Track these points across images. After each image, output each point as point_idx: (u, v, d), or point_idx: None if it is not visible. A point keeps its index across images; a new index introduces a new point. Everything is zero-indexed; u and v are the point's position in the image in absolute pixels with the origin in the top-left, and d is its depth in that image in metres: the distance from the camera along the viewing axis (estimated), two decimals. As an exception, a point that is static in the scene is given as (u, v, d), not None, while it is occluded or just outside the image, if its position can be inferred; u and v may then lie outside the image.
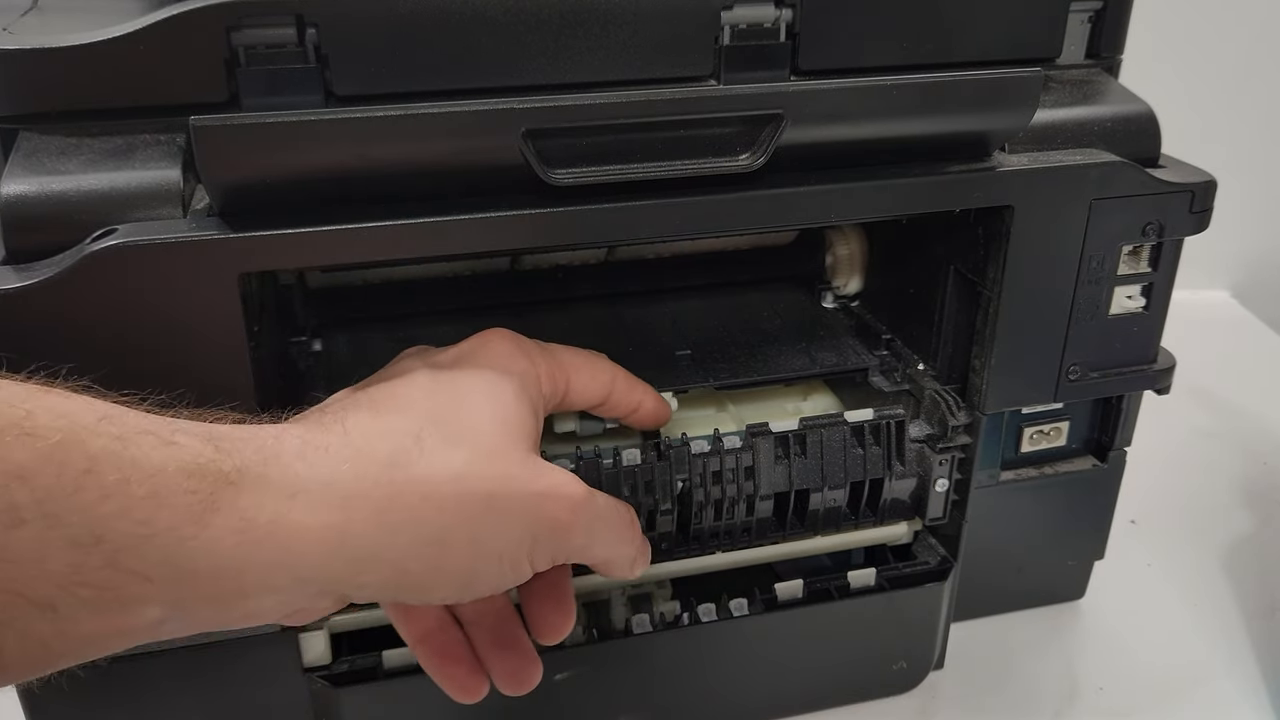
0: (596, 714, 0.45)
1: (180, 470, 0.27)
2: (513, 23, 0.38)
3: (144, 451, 0.27)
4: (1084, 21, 0.46)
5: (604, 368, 0.41)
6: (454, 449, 0.32)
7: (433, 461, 0.32)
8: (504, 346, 0.37)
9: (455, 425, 0.33)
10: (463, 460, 0.32)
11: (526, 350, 0.38)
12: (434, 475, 0.31)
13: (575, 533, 0.35)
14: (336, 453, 0.31)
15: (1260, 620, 0.55)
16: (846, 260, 0.55)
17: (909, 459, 0.46)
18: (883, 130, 0.39)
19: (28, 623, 0.25)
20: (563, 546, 0.35)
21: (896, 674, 0.49)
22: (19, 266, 0.33)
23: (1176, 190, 0.43)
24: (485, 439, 0.33)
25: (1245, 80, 0.88)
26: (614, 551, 0.37)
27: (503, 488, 0.33)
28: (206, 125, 0.32)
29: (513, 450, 0.34)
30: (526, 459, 0.34)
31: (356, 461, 0.31)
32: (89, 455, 0.25)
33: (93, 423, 0.26)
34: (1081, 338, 0.45)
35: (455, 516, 0.32)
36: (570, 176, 0.35)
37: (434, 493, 0.31)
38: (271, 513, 0.28)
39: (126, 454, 0.26)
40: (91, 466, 0.25)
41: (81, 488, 0.25)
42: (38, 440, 0.25)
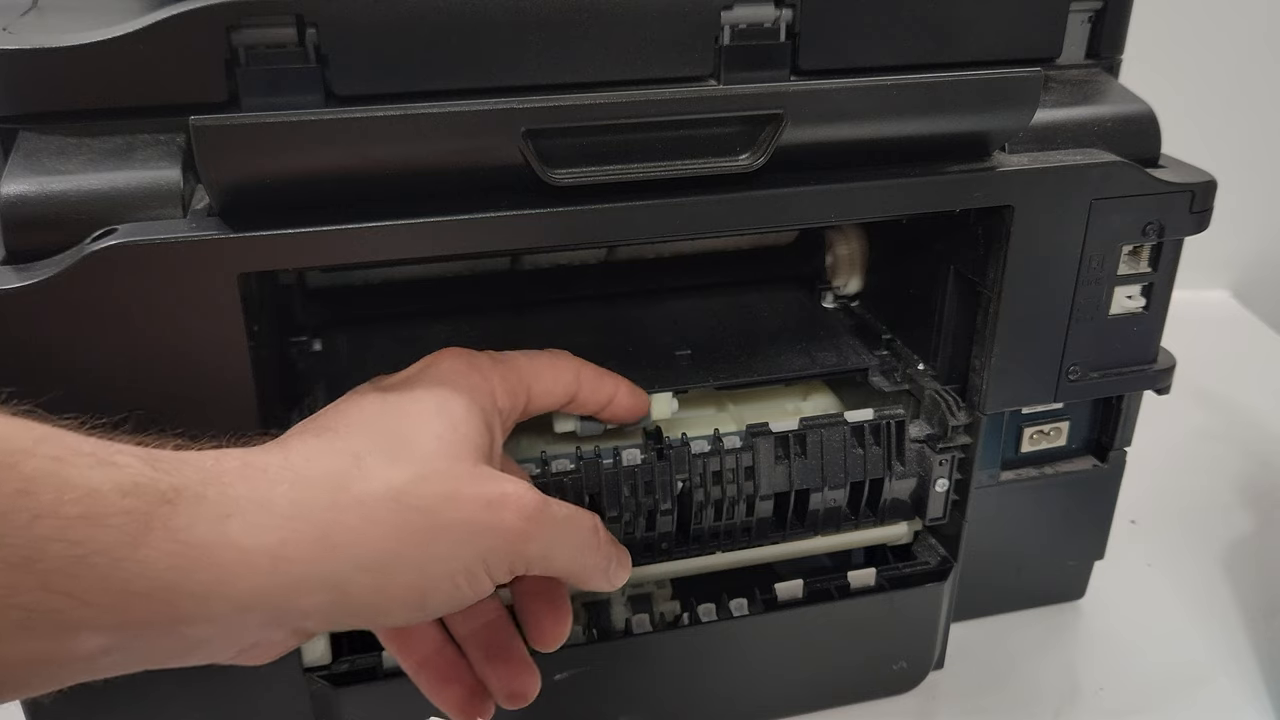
0: (596, 714, 0.45)
1: (116, 489, 0.26)
2: (513, 23, 0.38)
3: (80, 471, 0.26)
4: (1084, 21, 0.46)
5: (565, 367, 0.40)
6: (397, 467, 0.31)
7: (374, 481, 0.31)
8: (453, 364, 0.36)
9: (399, 443, 0.32)
10: (406, 478, 0.31)
11: (478, 365, 0.37)
12: (375, 494, 0.31)
13: (531, 540, 0.33)
14: (275, 474, 0.30)
15: (1260, 620, 0.55)
16: (846, 260, 0.55)
17: (909, 459, 0.46)
18: (883, 130, 0.39)
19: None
20: (520, 556, 0.33)
21: (896, 674, 0.49)
22: (19, 266, 0.33)
23: (1176, 190, 0.43)
24: (431, 455, 0.32)
25: (1245, 80, 0.88)
26: (579, 562, 0.36)
27: (449, 503, 0.32)
28: (206, 125, 0.32)
29: (460, 464, 0.33)
30: (475, 472, 0.33)
31: (295, 483, 0.30)
32: (24, 476, 0.25)
33: (29, 445, 0.26)
34: (1081, 338, 0.45)
35: (398, 537, 0.31)
36: (570, 176, 0.35)
37: (375, 513, 0.30)
38: (206, 534, 0.28)
39: (62, 474, 0.26)
40: (26, 487, 0.25)
41: (14, 509, 0.25)
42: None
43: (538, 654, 0.43)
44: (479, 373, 0.36)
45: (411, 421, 0.33)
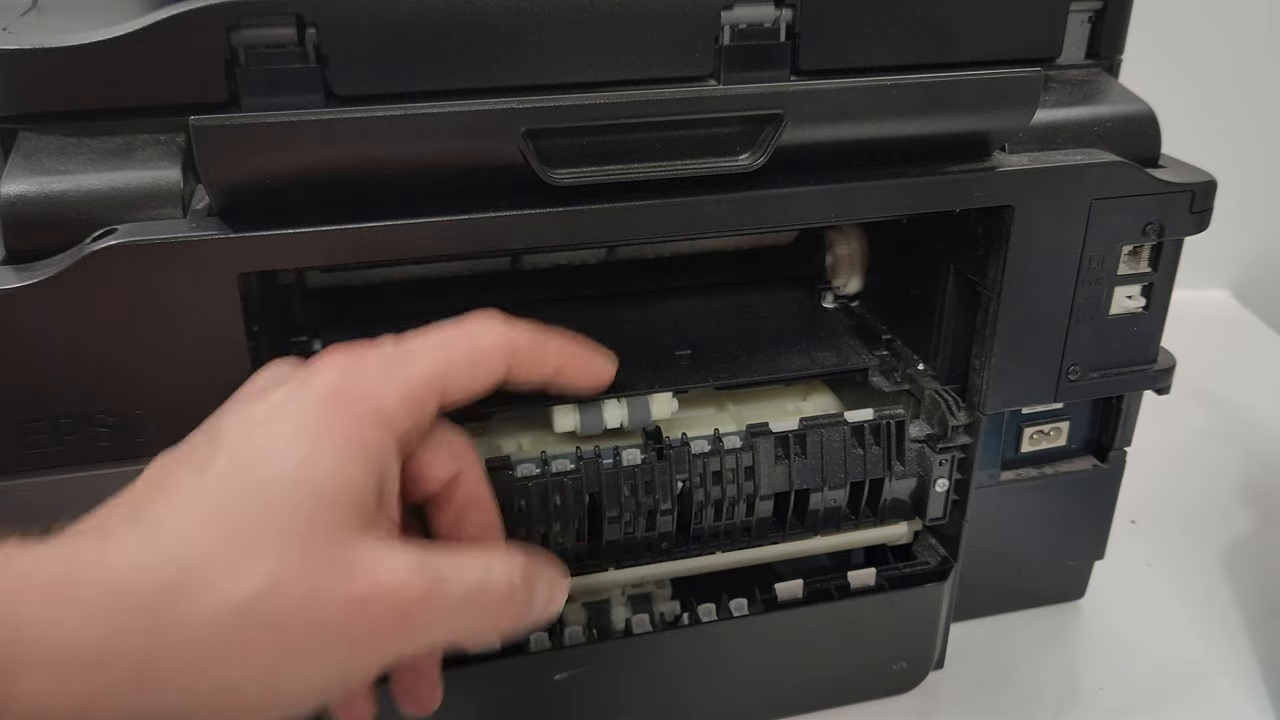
0: (596, 714, 0.45)
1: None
2: (513, 23, 0.38)
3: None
4: (1084, 21, 0.46)
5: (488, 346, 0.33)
6: (237, 573, 0.26)
7: (206, 597, 0.25)
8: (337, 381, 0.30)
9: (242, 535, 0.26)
10: (248, 589, 0.26)
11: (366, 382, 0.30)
12: (206, 615, 0.25)
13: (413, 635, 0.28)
14: (88, 596, 0.25)
15: (1260, 620, 0.55)
16: (846, 260, 0.55)
17: (909, 459, 0.46)
18: (883, 130, 0.39)
19: None
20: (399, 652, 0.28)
21: (896, 674, 0.49)
22: (19, 266, 0.33)
23: (1176, 190, 0.43)
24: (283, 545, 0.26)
25: (1245, 80, 0.88)
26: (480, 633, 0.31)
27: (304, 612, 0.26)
28: (206, 125, 0.32)
29: (321, 551, 0.27)
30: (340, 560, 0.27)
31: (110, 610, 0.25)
32: None
33: None
34: (1081, 338, 0.45)
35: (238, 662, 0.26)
36: (570, 176, 0.35)
37: (208, 636, 0.25)
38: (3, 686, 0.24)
39: None
40: None
41: None
42: None
43: (537, 654, 0.43)
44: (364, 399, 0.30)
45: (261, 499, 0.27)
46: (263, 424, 0.29)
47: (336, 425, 0.29)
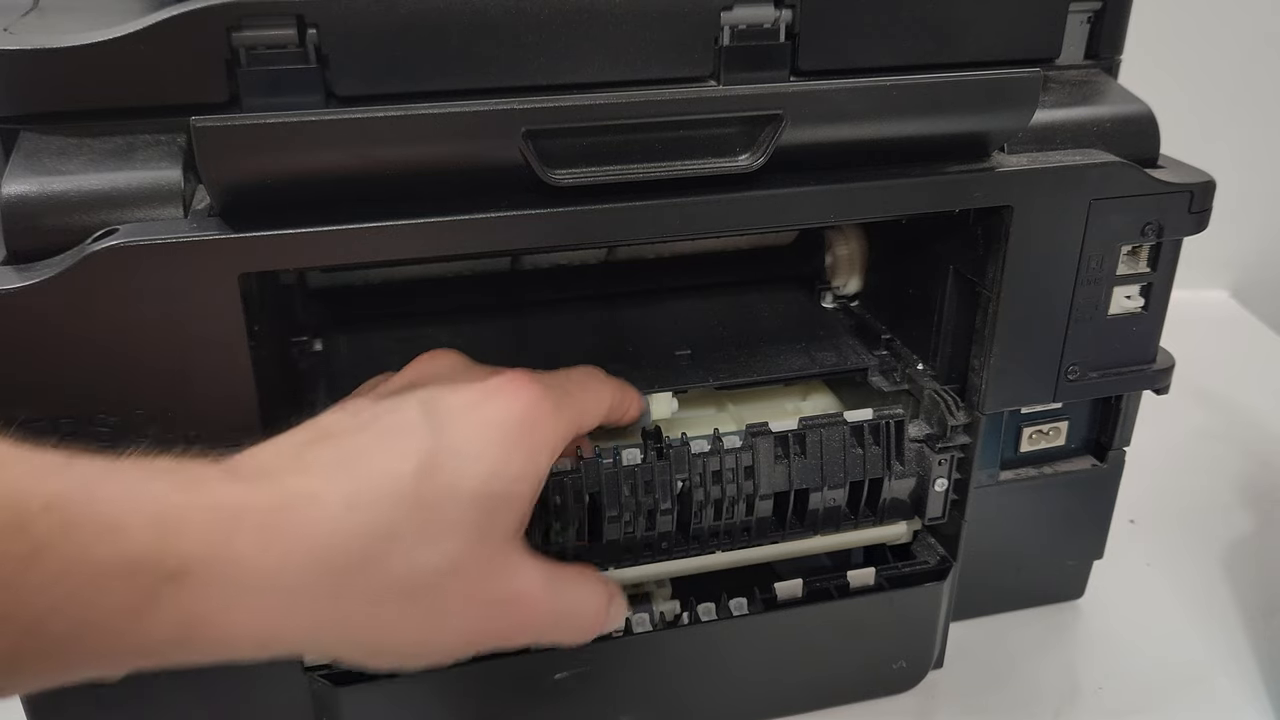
0: (596, 714, 0.45)
1: (123, 564, 0.26)
2: (513, 23, 0.38)
3: (88, 543, 0.26)
4: (1083, 22, 0.46)
5: (605, 394, 0.40)
6: (423, 553, 0.30)
7: (394, 567, 0.30)
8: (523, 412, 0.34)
9: (434, 525, 0.31)
10: (428, 568, 0.31)
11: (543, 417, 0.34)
12: (390, 582, 0.30)
13: (528, 632, 0.34)
14: (294, 545, 0.29)
15: (1260, 620, 0.55)
16: (846, 260, 0.55)
17: (908, 459, 0.46)
18: (882, 131, 0.39)
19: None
20: (507, 642, 0.34)
21: (896, 673, 0.49)
22: (19, 266, 0.33)
23: (1175, 190, 0.43)
24: (462, 540, 0.31)
25: (1245, 80, 0.88)
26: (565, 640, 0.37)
27: (461, 601, 0.32)
28: (207, 126, 0.32)
29: (486, 548, 0.32)
30: (498, 560, 0.32)
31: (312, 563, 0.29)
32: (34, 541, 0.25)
33: (38, 509, 0.26)
34: (1081, 337, 0.45)
35: (400, 623, 0.31)
36: (570, 177, 0.36)
37: (384, 599, 0.30)
38: (210, 609, 0.28)
39: (69, 545, 0.26)
40: (34, 552, 0.25)
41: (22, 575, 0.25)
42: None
43: (537, 654, 0.43)
44: (540, 431, 0.34)
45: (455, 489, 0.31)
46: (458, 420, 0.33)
47: (523, 445, 0.33)
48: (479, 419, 0.33)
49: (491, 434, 0.33)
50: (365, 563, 0.30)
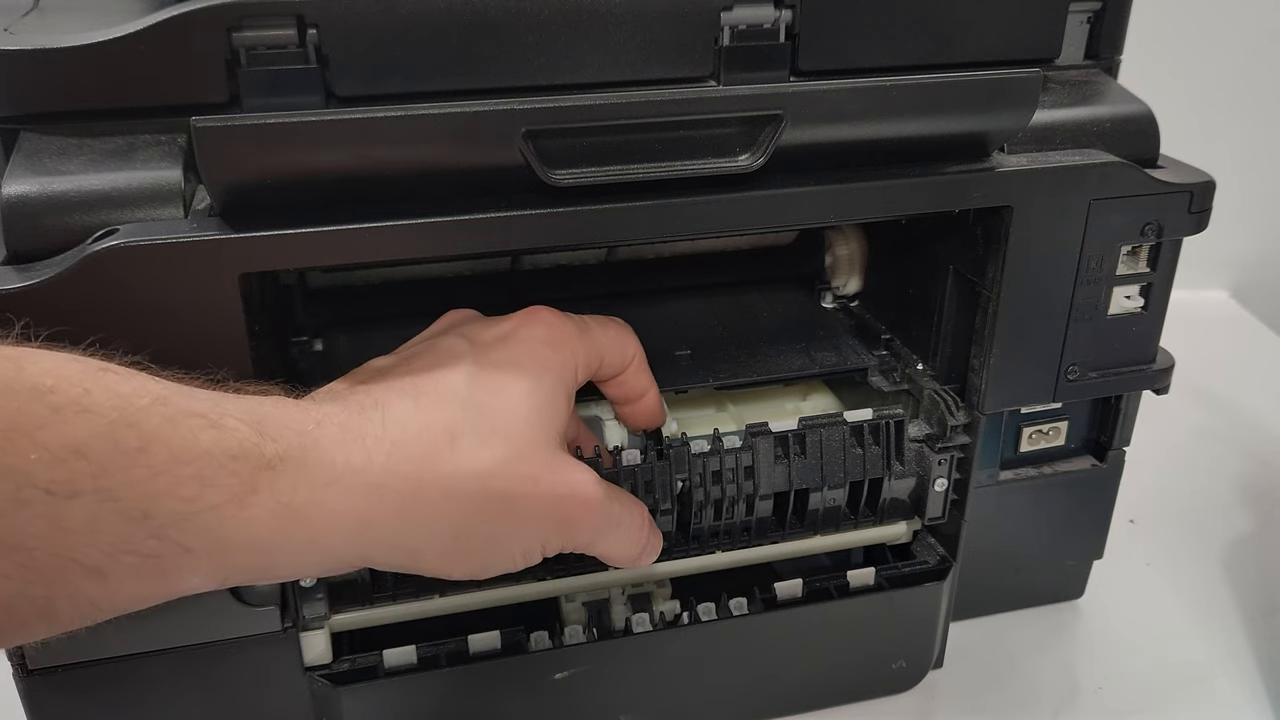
0: (596, 714, 0.45)
1: (225, 453, 0.29)
2: (513, 23, 0.38)
3: (193, 433, 0.28)
4: (1083, 22, 0.46)
5: (629, 341, 0.41)
6: (485, 447, 0.33)
7: (462, 460, 0.33)
8: (549, 333, 0.37)
9: (490, 421, 0.34)
10: (492, 460, 0.33)
11: (569, 338, 0.38)
12: (461, 473, 0.33)
13: (584, 531, 0.36)
14: (373, 444, 0.32)
15: (1260, 620, 0.55)
16: (846, 260, 0.55)
17: (908, 459, 0.46)
18: (882, 131, 0.39)
19: (78, 585, 0.27)
20: (570, 541, 0.36)
21: (896, 673, 0.49)
22: (20, 267, 0.33)
23: (1175, 190, 0.43)
24: (517, 437, 0.34)
25: (1245, 80, 0.88)
26: (617, 550, 0.38)
27: (526, 489, 0.34)
28: (207, 126, 0.32)
29: (541, 449, 0.35)
30: (553, 457, 0.35)
31: (391, 454, 0.32)
32: (142, 435, 0.27)
33: (147, 404, 0.28)
34: (1080, 338, 0.45)
35: (475, 515, 0.33)
36: (570, 177, 0.36)
37: (458, 490, 0.33)
38: (306, 497, 0.30)
39: (176, 435, 0.28)
40: (144, 445, 0.27)
41: (134, 464, 0.27)
42: (95, 418, 0.27)
43: (537, 654, 0.43)
44: (566, 348, 0.38)
45: (503, 400, 0.35)
46: (494, 346, 0.36)
47: (552, 362, 0.37)
48: (514, 340, 0.37)
49: (527, 351, 0.36)
50: (435, 456, 0.33)
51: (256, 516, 0.29)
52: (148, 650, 0.39)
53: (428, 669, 0.42)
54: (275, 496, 0.30)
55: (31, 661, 0.38)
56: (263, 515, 0.29)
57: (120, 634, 0.38)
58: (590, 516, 0.36)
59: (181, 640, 0.39)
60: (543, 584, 0.44)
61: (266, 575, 0.32)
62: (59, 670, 0.39)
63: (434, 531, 0.33)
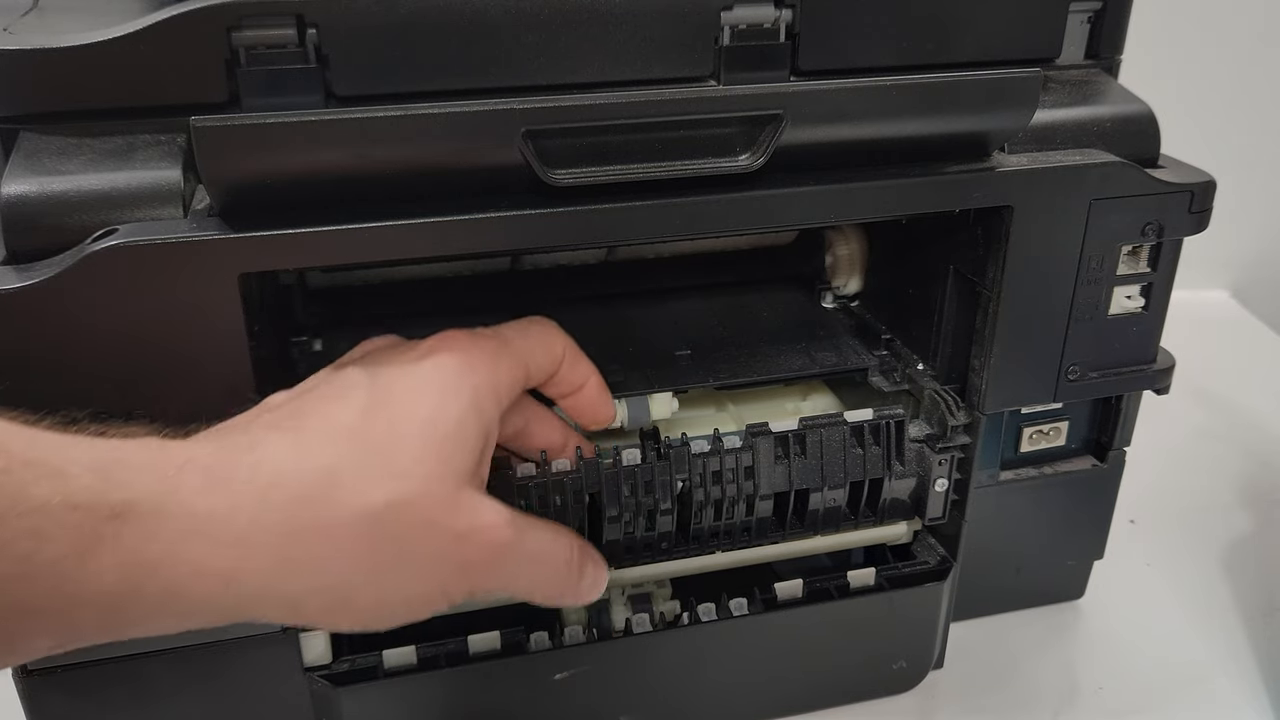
0: (596, 714, 0.45)
1: (64, 503, 0.26)
2: (513, 23, 0.38)
3: (27, 483, 0.26)
4: (1083, 22, 0.46)
5: (555, 339, 0.39)
6: (373, 488, 0.31)
7: (345, 502, 0.30)
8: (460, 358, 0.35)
9: (380, 458, 0.31)
10: (380, 501, 0.30)
11: (484, 358, 0.35)
12: (344, 520, 0.30)
13: (492, 575, 0.34)
14: (241, 489, 0.29)
15: (1260, 620, 0.55)
16: (846, 260, 0.55)
17: (909, 459, 0.46)
18: (882, 130, 0.39)
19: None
20: (477, 586, 0.33)
21: (896, 673, 0.49)
22: (19, 266, 0.33)
23: (1176, 190, 0.43)
24: (410, 475, 0.31)
25: (1245, 80, 0.88)
26: (538, 592, 0.36)
27: (420, 533, 0.31)
28: (207, 126, 0.32)
29: (440, 487, 0.32)
30: (454, 495, 0.32)
31: (261, 499, 0.29)
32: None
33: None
34: (1081, 338, 0.45)
35: (363, 564, 0.31)
36: (570, 177, 0.35)
37: (342, 538, 0.30)
38: (161, 550, 0.28)
39: (9, 486, 0.26)
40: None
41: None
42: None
43: (537, 654, 0.43)
44: (483, 369, 0.35)
45: (398, 432, 0.32)
46: (398, 374, 0.34)
47: (463, 387, 0.34)
48: (417, 371, 0.34)
49: (429, 383, 0.34)
50: (315, 499, 0.30)
51: (100, 571, 0.27)
52: (147, 651, 0.39)
53: (428, 669, 0.42)
54: (121, 548, 0.27)
55: (31, 662, 0.38)
56: (109, 569, 0.27)
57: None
58: (497, 559, 0.33)
59: (181, 640, 0.39)
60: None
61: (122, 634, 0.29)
62: (59, 670, 0.39)
63: (315, 583, 0.30)
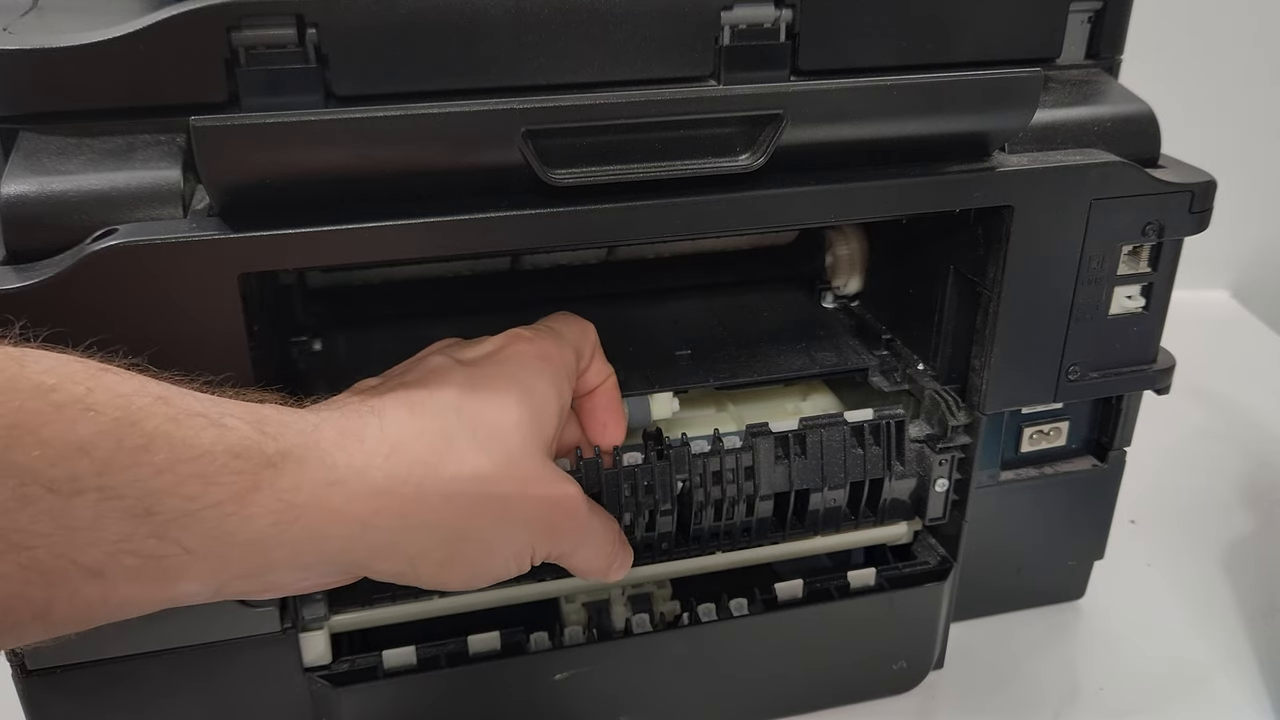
0: (596, 715, 0.45)
1: (227, 451, 0.29)
2: (513, 23, 0.38)
3: (195, 432, 0.28)
4: (1084, 21, 0.46)
5: (589, 331, 0.41)
6: (480, 453, 0.34)
7: (460, 464, 0.33)
8: (535, 348, 0.38)
9: (485, 428, 0.34)
10: (488, 464, 0.34)
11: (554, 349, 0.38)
12: (459, 477, 0.33)
13: (567, 539, 0.37)
14: (373, 446, 0.32)
15: (1260, 620, 0.55)
16: (846, 260, 0.55)
17: (909, 459, 0.46)
18: (883, 130, 0.39)
19: (77, 587, 0.27)
20: (555, 548, 0.37)
21: (896, 674, 0.49)
22: (19, 266, 0.33)
23: (1176, 190, 0.43)
24: (510, 443, 0.35)
25: (1245, 80, 0.88)
26: (591, 562, 0.39)
27: (520, 493, 0.35)
28: (206, 126, 0.32)
29: (533, 455, 0.35)
30: (544, 465, 0.36)
31: (390, 457, 0.32)
32: (145, 433, 0.27)
33: (149, 403, 0.28)
34: (1081, 338, 0.45)
35: (473, 518, 0.34)
36: (570, 177, 0.35)
37: (456, 494, 0.33)
38: (307, 496, 0.30)
39: (179, 433, 0.28)
40: (147, 444, 0.27)
41: (137, 462, 0.27)
42: (99, 416, 0.27)
43: (537, 654, 0.43)
44: (557, 359, 0.38)
45: (496, 408, 0.35)
46: (483, 362, 0.37)
47: (544, 372, 0.37)
48: (501, 356, 0.37)
49: (516, 365, 0.37)
50: (434, 460, 0.33)
51: (258, 514, 0.29)
52: (147, 651, 0.39)
53: (427, 670, 0.42)
54: (277, 494, 0.30)
55: (31, 662, 0.38)
56: (264, 513, 0.29)
57: (120, 635, 0.38)
58: (575, 525, 0.37)
59: (181, 641, 0.39)
60: (543, 584, 0.44)
61: (264, 580, 0.31)
62: (59, 671, 0.39)
63: (433, 537, 0.33)
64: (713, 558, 0.45)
